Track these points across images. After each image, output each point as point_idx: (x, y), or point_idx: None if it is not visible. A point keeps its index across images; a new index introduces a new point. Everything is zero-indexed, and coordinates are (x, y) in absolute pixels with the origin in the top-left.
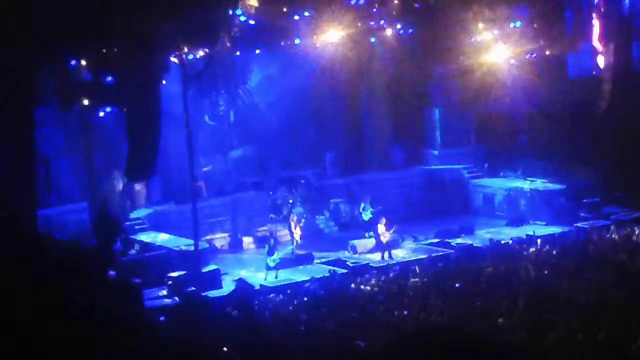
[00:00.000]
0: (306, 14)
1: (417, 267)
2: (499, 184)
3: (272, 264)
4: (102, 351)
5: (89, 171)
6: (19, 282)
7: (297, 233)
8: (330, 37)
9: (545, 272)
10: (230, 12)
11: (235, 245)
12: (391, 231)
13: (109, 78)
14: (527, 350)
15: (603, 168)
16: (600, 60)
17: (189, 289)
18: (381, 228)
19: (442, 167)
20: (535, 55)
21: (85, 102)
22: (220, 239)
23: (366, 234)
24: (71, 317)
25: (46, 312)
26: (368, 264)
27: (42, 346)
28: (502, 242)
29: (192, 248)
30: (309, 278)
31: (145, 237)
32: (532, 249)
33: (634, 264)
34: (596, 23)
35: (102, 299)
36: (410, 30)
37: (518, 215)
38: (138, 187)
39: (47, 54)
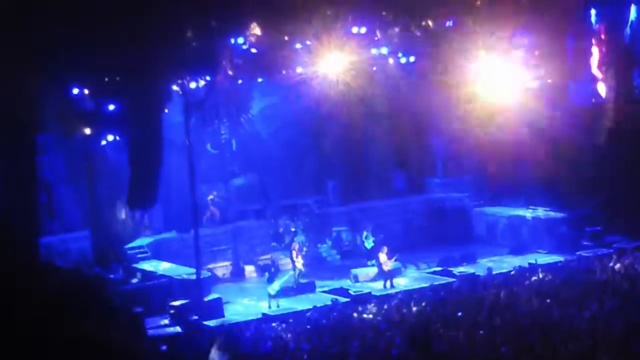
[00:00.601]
0: (308, 42)
1: (419, 296)
2: (501, 212)
3: (272, 293)
4: None
5: (90, 199)
6: (20, 309)
7: (299, 262)
8: (332, 65)
9: (548, 300)
10: (232, 40)
11: (237, 274)
12: (393, 259)
13: (111, 106)
14: None
15: (605, 196)
16: (601, 88)
17: (191, 318)
18: (383, 257)
19: (444, 195)
20: (537, 83)
21: (88, 130)
22: (222, 268)
23: (368, 263)
24: (72, 345)
25: (46, 340)
26: (370, 292)
27: None
28: (504, 270)
29: (194, 277)
30: (311, 307)
31: (147, 265)
32: (534, 278)
33: (636, 292)
34: (595, 50)
35: (103, 327)
36: (412, 59)
37: (520, 243)
38: (140, 215)
39: (50, 82)
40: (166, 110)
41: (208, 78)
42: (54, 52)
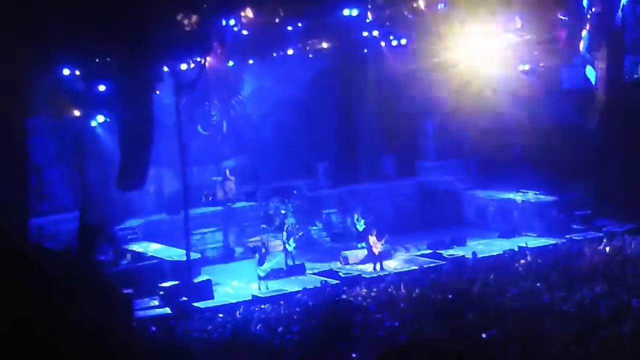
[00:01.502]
0: (299, 24)
1: (408, 278)
2: (492, 196)
3: (262, 274)
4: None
5: (80, 180)
6: (7, 292)
7: (291, 244)
8: (323, 48)
9: (537, 284)
10: (224, 22)
11: (227, 256)
12: (382, 241)
13: (102, 87)
14: None
15: (595, 180)
16: (590, 72)
17: (181, 299)
18: (372, 239)
19: (434, 178)
20: (529, 67)
21: (78, 111)
22: (212, 249)
23: (358, 245)
24: (60, 326)
25: (35, 321)
26: (360, 274)
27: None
28: (494, 253)
29: (184, 258)
30: (300, 289)
31: (137, 247)
32: (523, 261)
33: (626, 276)
34: (585, 33)
35: (93, 309)
36: (404, 41)
37: (510, 226)
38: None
39: (40, 63)
40: (157, 92)
41: (199, 59)
42: (43, 33)
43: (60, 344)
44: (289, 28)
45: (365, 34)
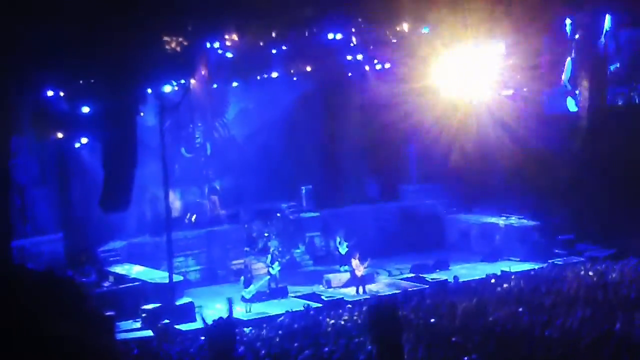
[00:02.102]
0: (283, 47)
1: (390, 302)
2: (475, 220)
3: (247, 296)
4: None
5: (64, 201)
6: None
7: (276, 267)
8: (308, 71)
9: (519, 308)
10: (208, 44)
11: (210, 278)
12: (365, 265)
13: (86, 109)
14: None
15: (577, 205)
16: (570, 103)
17: (163, 322)
18: (355, 262)
19: (418, 202)
20: (512, 92)
21: (62, 132)
22: (195, 272)
23: (341, 268)
24: (44, 347)
25: (18, 342)
26: (342, 298)
27: None
28: (477, 277)
29: (167, 280)
30: (283, 312)
31: (120, 269)
32: (506, 285)
33: (608, 301)
34: (568, 62)
35: (75, 330)
36: (387, 65)
37: (493, 250)
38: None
39: (24, 84)
40: (142, 114)
41: (183, 82)
42: (28, 53)
43: None
44: (273, 51)
45: (349, 57)
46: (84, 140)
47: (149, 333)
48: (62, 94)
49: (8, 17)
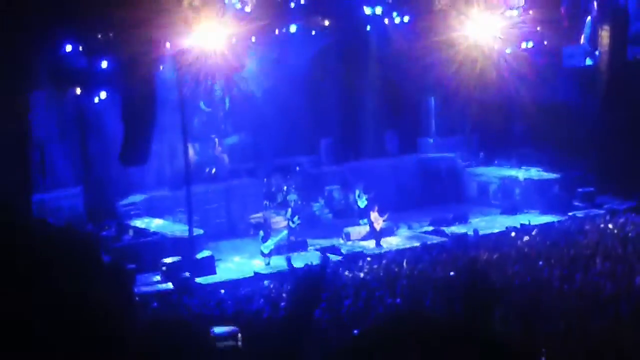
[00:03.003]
0: (302, 1)
1: (410, 255)
2: (494, 173)
3: (266, 251)
4: (92, 336)
5: (83, 156)
6: (10, 266)
7: (295, 221)
8: (326, 25)
9: (539, 262)
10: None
11: (229, 232)
12: (384, 217)
13: (104, 63)
14: (518, 341)
15: (597, 157)
16: (589, 62)
17: (183, 275)
18: (374, 215)
19: (437, 155)
20: (532, 45)
21: (80, 87)
22: (215, 225)
23: (360, 221)
24: (62, 302)
25: (36, 298)
26: (362, 251)
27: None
28: (496, 230)
29: (187, 234)
30: (302, 265)
31: (140, 222)
32: (526, 238)
33: (627, 254)
34: (587, 22)
35: (94, 284)
36: (406, 18)
37: (512, 204)
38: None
39: (42, 39)
40: (161, 67)
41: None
42: (45, 9)
43: (62, 318)
44: (292, 5)
45: (368, 11)
46: (103, 95)
47: (169, 286)
48: (80, 48)
49: None
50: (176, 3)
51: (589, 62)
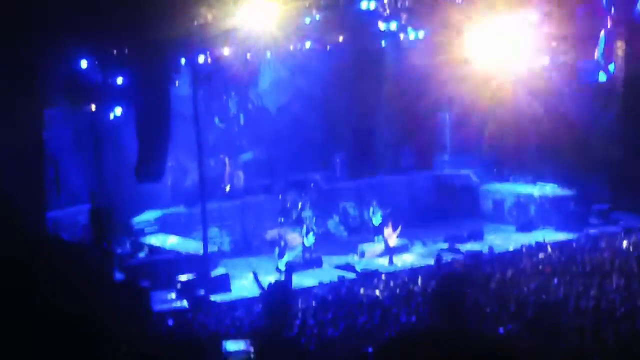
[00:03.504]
0: (317, 17)
1: (425, 272)
2: (509, 189)
3: (282, 267)
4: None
5: (98, 172)
6: (25, 283)
7: (310, 237)
8: (341, 41)
9: (555, 279)
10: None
11: (244, 249)
12: (397, 232)
13: (120, 79)
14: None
15: (613, 174)
16: (602, 76)
17: (198, 293)
18: (387, 231)
19: (452, 171)
20: (548, 59)
21: (96, 102)
22: (230, 242)
23: (375, 238)
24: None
25: (51, 315)
26: (377, 269)
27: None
28: (512, 248)
29: (201, 251)
30: (317, 282)
31: (155, 239)
32: (541, 255)
33: None
34: (602, 36)
35: (109, 301)
36: (421, 34)
37: (527, 220)
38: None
39: (57, 54)
40: (177, 83)
41: (216, 52)
42: (62, 24)
43: (78, 333)
44: (307, 21)
45: (382, 26)
46: (118, 110)
47: (184, 304)
48: (96, 64)
49: None
50: (191, 19)
51: (602, 76)
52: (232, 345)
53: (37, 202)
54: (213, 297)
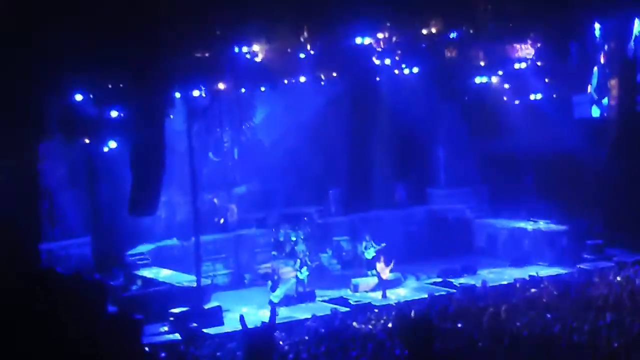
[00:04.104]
0: (311, 52)
1: (419, 307)
2: (503, 224)
3: (276, 300)
4: None
5: (92, 205)
6: (19, 315)
7: (304, 272)
8: (335, 75)
9: (548, 314)
10: (236, 49)
11: (237, 282)
12: (390, 267)
13: (114, 112)
14: None
15: (606, 209)
16: (595, 111)
17: (191, 326)
18: (380, 266)
19: (445, 205)
20: (540, 95)
21: (90, 136)
22: (223, 276)
23: (368, 273)
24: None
25: (44, 346)
26: (370, 302)
27: None
28: (505, 282)
29: (195, 284)
30: (310, 316)
31: (148, 272)
32: (534, 290)
33: (635, 305)
34: (595, 71)
35: (101, 333)
36: (416, 70)
37: (521, 255)
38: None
39: (52, 88)
40: (171, 116)
41: (211, 86)
42: (57, 57)
43: None
44: (301, 56)
45: (377, 62)
46: (112, 144)
47: (176, 337)
48: (90, 97)
49: (36, 21)
50: (186, 53)
51: (595, 111)
52: None
53: (32, 234)
54: (206, 330)
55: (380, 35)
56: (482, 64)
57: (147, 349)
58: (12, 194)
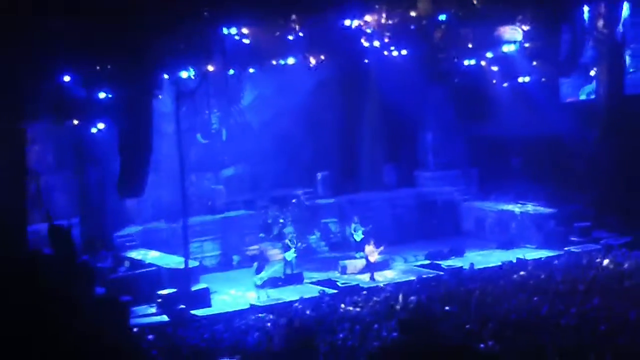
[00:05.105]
0: (300, 34)
1: (406, 289)
2: (491, 207)
3: (259, 283)
4: None
5: (80, 187)
6: (5, 297)
7: (291, 253)
8: (324, 58)
9: (535, 297)
10: (225, 30)
11: (225, 264)
12: (379, 250)
13: (102, 94)
14: None
15: (594, 192)
16: (584, 93)
17: (178, 307)
18: (369, 248)
19: (434, 188)
20: (529, 78)
21: (78, 118)
22: (211, 257)
23: (357, 255)
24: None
25: (33, 328)
26: (358, 284)
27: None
28: (492, 265)
29: (182, 266)
30: (298, 298)
31: (136, 254)
32: (522, 273)
33: (622, 289)
34: (584, 54)
35: (89, 315)
36: (404, 52)
37: (509, 238)
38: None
39: (40, 70)
40: (159, 97)
41: (199, 68)
42: (45, 40)
43: (58, 348)
44: (290, 37)
45: (366, 44)
46: (101, 126)
47: (164, 318)
48: (78, 79)
49: (24, 5)
50: (174, 34)
51: (583, 95)
52: None
53: (19, 216)
54: (193, 312)
55: (369, 18)
56: (470, 46)
57: (134, 330)
58: (0, 177)
